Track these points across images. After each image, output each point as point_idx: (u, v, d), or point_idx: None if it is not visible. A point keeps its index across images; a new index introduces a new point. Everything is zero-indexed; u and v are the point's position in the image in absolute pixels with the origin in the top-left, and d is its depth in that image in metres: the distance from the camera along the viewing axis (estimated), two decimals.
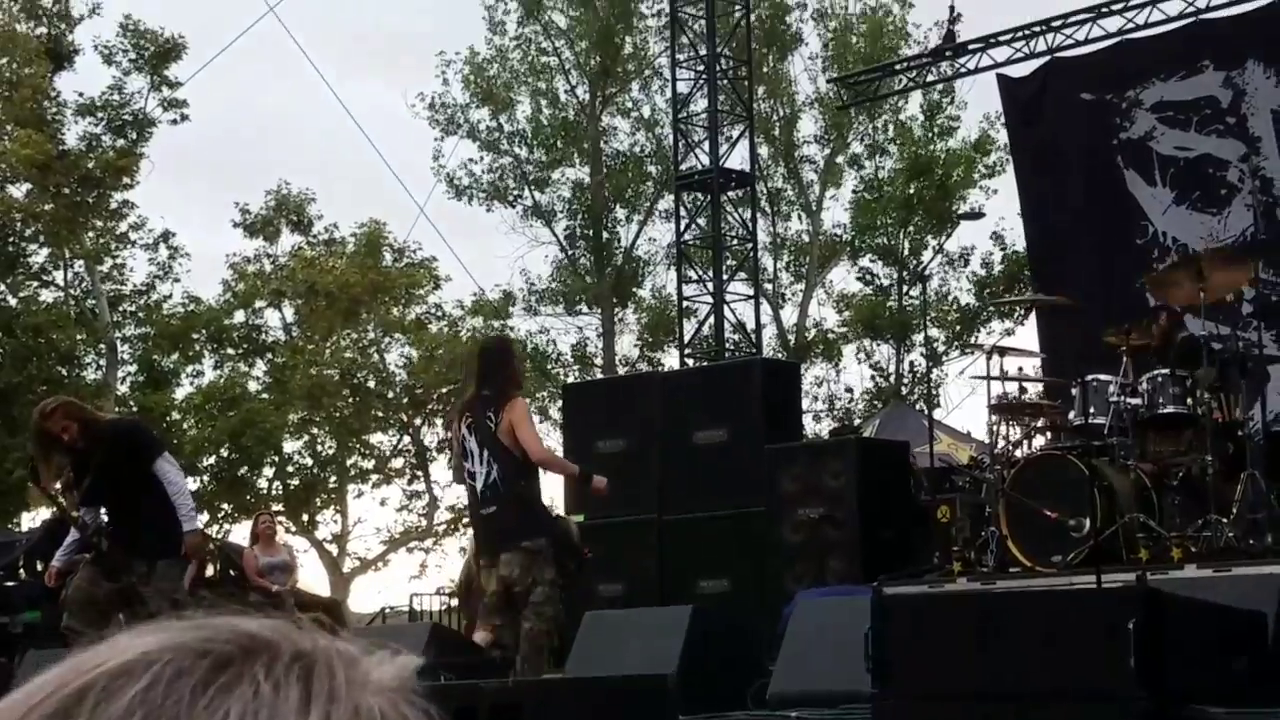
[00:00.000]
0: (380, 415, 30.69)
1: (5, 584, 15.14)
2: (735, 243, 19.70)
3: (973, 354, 25.14)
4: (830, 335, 31.64)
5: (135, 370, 29.35)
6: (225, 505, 28.91)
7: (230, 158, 43.80)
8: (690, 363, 18.97)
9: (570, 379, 28.76)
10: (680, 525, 11.37)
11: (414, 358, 30.32)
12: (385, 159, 29.14)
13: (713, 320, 18.90)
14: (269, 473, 29.83)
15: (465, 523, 28.99)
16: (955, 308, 30.72)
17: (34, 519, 22.54)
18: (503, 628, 7.97)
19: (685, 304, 19.56)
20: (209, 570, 14.50)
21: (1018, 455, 9.81)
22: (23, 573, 15.48)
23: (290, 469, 30.03)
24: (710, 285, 18.79)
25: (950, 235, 30.37)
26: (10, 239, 26.93)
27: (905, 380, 30.84)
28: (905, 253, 30.83)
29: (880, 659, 5.90)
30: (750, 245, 19.70)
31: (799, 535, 10.62)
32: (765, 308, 25.59)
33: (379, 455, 30.94)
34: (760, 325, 20.58)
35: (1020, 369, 10.14)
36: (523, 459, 7.98)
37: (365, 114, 50.29)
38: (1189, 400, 8.97)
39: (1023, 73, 15.00)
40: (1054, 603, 6.18)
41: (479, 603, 10.74)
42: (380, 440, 31.10)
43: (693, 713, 6.96)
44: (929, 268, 30.62)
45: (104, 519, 8.12)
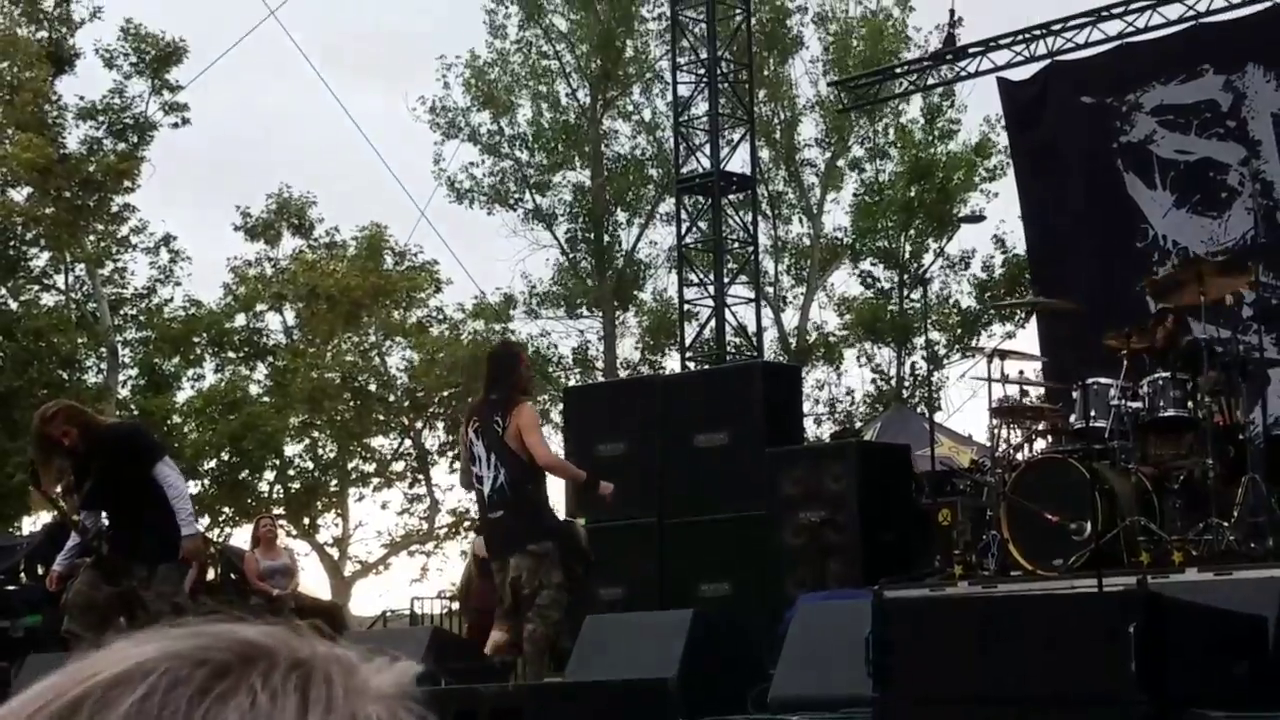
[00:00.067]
0: (381, 418, 30.70)
1: (6, 588, 15.14)
2: (736, 246, 19.70)
3: (974, 357, 25.12)
4: (831, 338, 31.64)
5: (136, 374, 29.36)
6: (226, 509, 28.90)
7: (231, 161, 43.87)
8: (691, 366, 18.97)
9: (571, 382, 28.75)
10: (681, 529, 11.36)
11: (415, 361, 30.33)
12: (386, 162, 29.11)
13: (714, 323, 18.89)
14: (270, 476, 29.84)
15: (466, 526, 29.05)
16: (956, 311, 30.73)
17: (35, 523, 22.55)
18: (516, 630, 8.03)
19: (686, 307, 19.57)
20: (210, 574, 14.52)
21: (1019, 458, 9.82)
22: (23, 577, 15.49)
23: (291, 472, 30.03)
24: (711, 288, 18.78)
25: (951, 238, 30.39)
26: (11, 243, 26.93)
27: (906, 383, 30.84)
28: (906, 256, 30.83)
29: (881, 663, 5.90)
30: (751, 248, 19.70)
31: (800, 539, 10.61)
32: (766, 311, 25.59)
33: (380, 459, 30.95)
34: (761, 328, 20.57)
35: (1021, 372, 10.15)
36: (530, 463, 8.03)
37: (366, 118, 50.22)
38: (1190, 404, 8.97)
39: (1023, 76, 15.01)
40: (1055, 606, 6.19)
41: (479, 606, 10.79)
42: (381, 443, 31.14)
43: (693, 717, 6.96)
44: (930, 271, 30.64)
45: (104, 523, 8.13)
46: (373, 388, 30.40)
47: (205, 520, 27.05)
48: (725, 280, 18.80)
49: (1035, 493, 8.92)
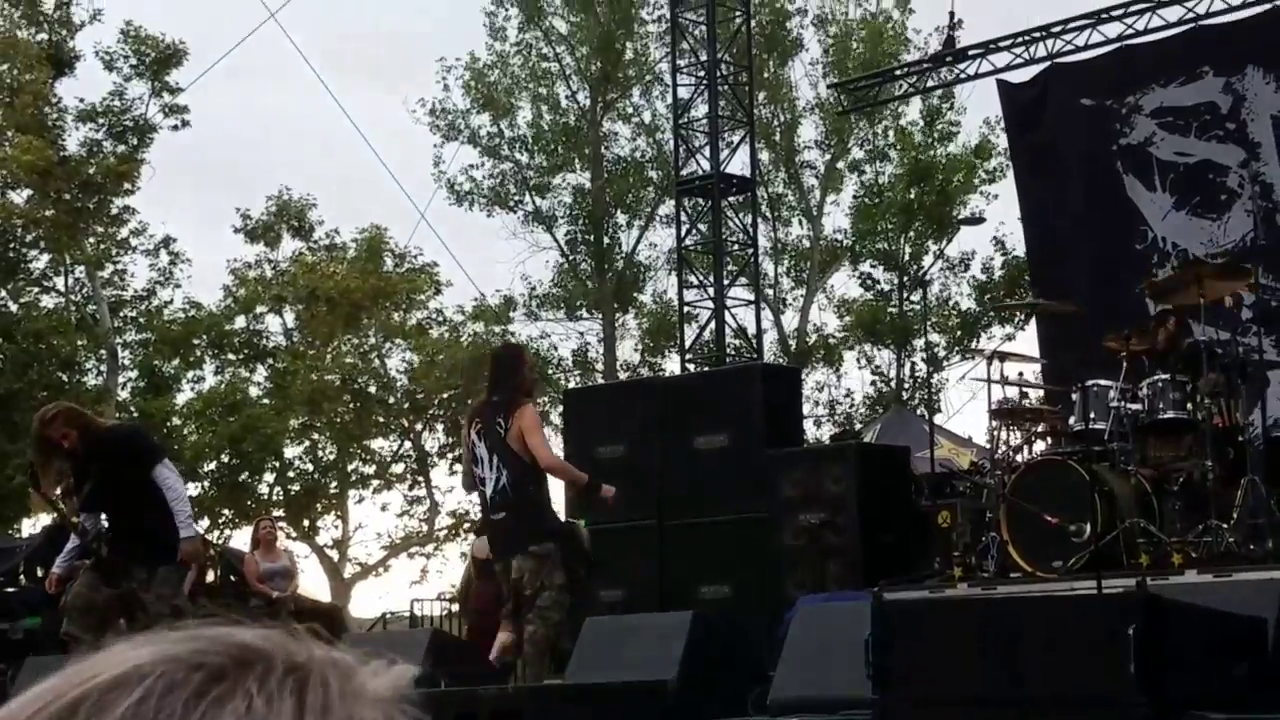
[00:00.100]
0: (381, 420, 30.71)
1: (5, 590, 15.14)
2: (736, 248, 19.70)
3: (973, 359, 25.12)
4: (831, 340, 31.65)
5: (136, 376, 29.36)
6: (226, 511, 28.91)
7: (231, 163, 43.87)
8: (691, 368, 18.97)
9: (571, 384, 28.76)
10: (681, 530, 11.36)
11: (415, 363, 30.34)
12: (386, 164, 29.11)
13: (713, 325, 18.89)
14: (270, 478, 29.84)
15: (466, 528, 29.05)
16: (956, 313, 30.74)
17: (34, 525, 22.55)
18: (521, 631, 8.04)
19: (686, 309, 19.58)
20: (210, 576, 14.52)
21: (1018, 460, 9.81)
22: (23, 579, 15.50)
23: (291, 474, 30.04)
24: (711, 290, 18.78)
25: (951, 240, 30.40)
26: (11, 245, 26.93)
27: (906, 385, 30.84)
28: (906, 258, 30.83)
29: (881, 664, 5.90)
30: (751, 250, 19.70)
31: (800, 541, 10.61)
32: (766, 313, 25.60)
33: (380, 460, 30.96)
34: (761, 330, 20.58)
35: (1021, 374, 10.14)
36: (532, 465, 8.04)
37: (366, 120, 50.22)
38: (1189, 405, 8.97)
39: (1023, 78, 15.01)
40: (1054, 608, 6.19)
41: (478, 608, 10.78)
42: (381, 445, 31.15)
43: (693, 719, 6.96)
44: (929, 273, 30.64)
45: (104, 525, 8.12)
46: (372, 390, 30.40)
47: (205, 522, 27.05)
48: (725, 282, 18.80)
49: (1035, 494, 8.92)
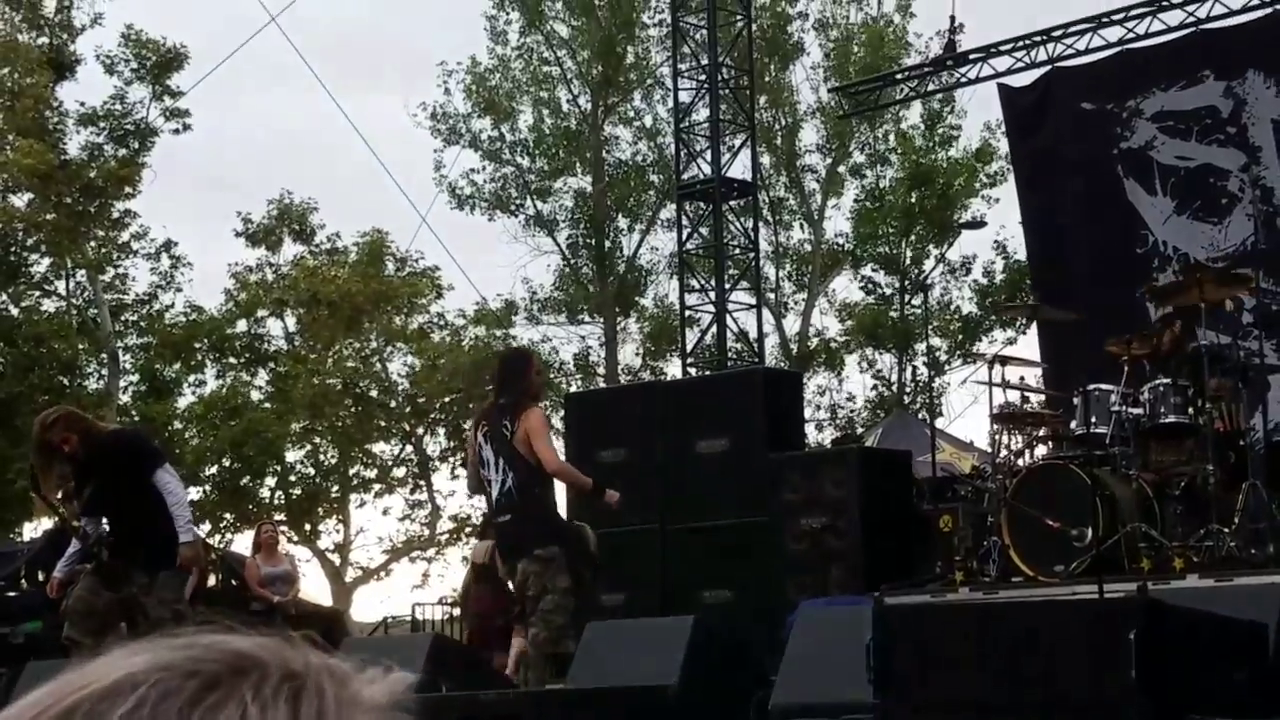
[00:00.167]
0: (382, 424, 30.70)
1: (6, 594, 15.15)
2: (737, 252, 19.70)
3: (975, 363, 25.13)
4: (832, 344, 31.64)
5: (137, 380, 29.35)
6: (227, 515, 28.91)
7: (232, 167, 43.90)
8: (692, 372, 18.96)
9: (572, 388, 28.75)
10: (682, 535, 11.35)
11: (416, 367, 30.33)
12: (387, 168, 29.10)
13: (715, 329, 18.88)
14: (271, 482, 29.83)
15: (468, 532, 29.04)
16: (957, 317, 30.74)
17: (36, 529, 22.56)
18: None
19: (687, 313, 19.57)
20: (211, 580, 14.52)
21: (1020, 464, 9.82)
22: (24, 583, 15.50)
23: (292, 478, 30.03)
24: (712, 294, 18.78)
25: (952, 244, 30.39)
26: (12, 248, 26.95)
27: (907, 389, 30.84)
28: (907, 262, 30.84)
29: (882, 669, 5.89)
30: (752, 254, 19.69)
31: (801, 545, 10.61)
32: (767, 317, 25.61)
33: (381, 465, 30.94)
34: (762, 334, 20.57)
35: (1022, 378, 10.14)
36: (538, 468, 8.04)
37: (367, 124, 50.30)
38: (1190, 410, 8.97)
39: (1023, 82, 15.01)
40: (1056, 612, 6.19)
41: (478, 612, 10.79)
42: (382, 449, 31.12)
43: None
44: (931, 277, 30.64)
45: (105, 529, 8.12)
46: (374, 394, 30.39)
47: (206, 526, 27.05)
48: (726, 286, 18.79)
49: (1036, 499, 8.92)
